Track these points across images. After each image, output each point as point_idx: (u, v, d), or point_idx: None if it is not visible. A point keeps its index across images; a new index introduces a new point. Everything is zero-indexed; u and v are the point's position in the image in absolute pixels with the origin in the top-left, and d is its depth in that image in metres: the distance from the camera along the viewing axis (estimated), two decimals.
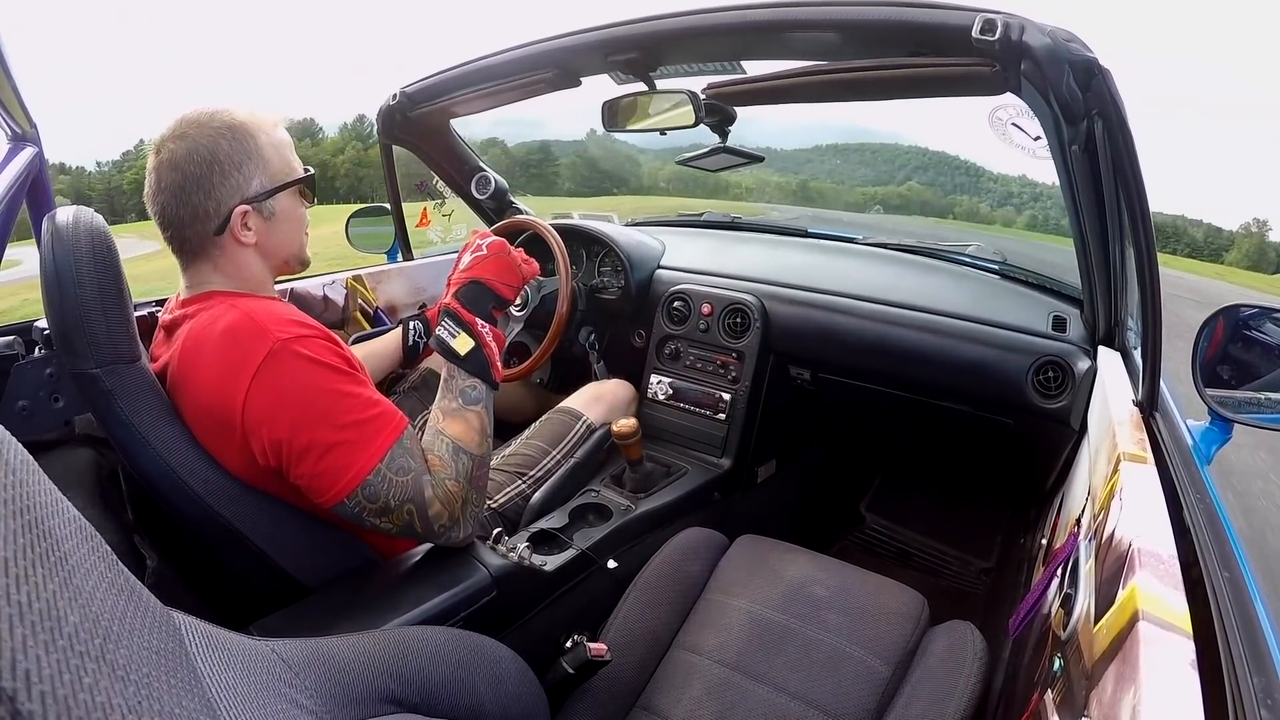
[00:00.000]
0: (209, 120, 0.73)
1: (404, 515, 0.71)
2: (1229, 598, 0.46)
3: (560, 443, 1.14)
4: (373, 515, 0.70)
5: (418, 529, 0.72)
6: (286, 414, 0.67)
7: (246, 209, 0.74)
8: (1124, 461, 0.64)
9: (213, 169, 0.72)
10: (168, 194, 0.72)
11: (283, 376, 0.67)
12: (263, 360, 0.66)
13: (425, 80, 1.26)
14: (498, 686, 0.56)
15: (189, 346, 0.71)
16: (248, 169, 0.73)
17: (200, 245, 0.75)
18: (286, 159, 0.77)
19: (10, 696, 0.18)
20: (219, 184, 0.72)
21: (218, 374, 0.68)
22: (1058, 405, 1.02)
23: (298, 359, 0.67)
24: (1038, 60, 0.67)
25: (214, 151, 0.72)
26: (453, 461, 0.75)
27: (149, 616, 0.29)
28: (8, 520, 0.22)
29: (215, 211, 0.73)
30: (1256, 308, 0.83)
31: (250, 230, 0.75)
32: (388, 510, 0.70)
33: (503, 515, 1.05)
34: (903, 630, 0.84)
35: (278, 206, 0.77)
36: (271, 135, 0.76)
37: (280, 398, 0.67)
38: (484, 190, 1.54)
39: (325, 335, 0.72)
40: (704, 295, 1.33)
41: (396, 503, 0.70)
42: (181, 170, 0.71)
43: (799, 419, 1.49)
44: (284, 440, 0.67)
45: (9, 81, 0.85)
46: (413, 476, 0.71)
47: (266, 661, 0.40)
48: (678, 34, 0.91)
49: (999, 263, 1.33)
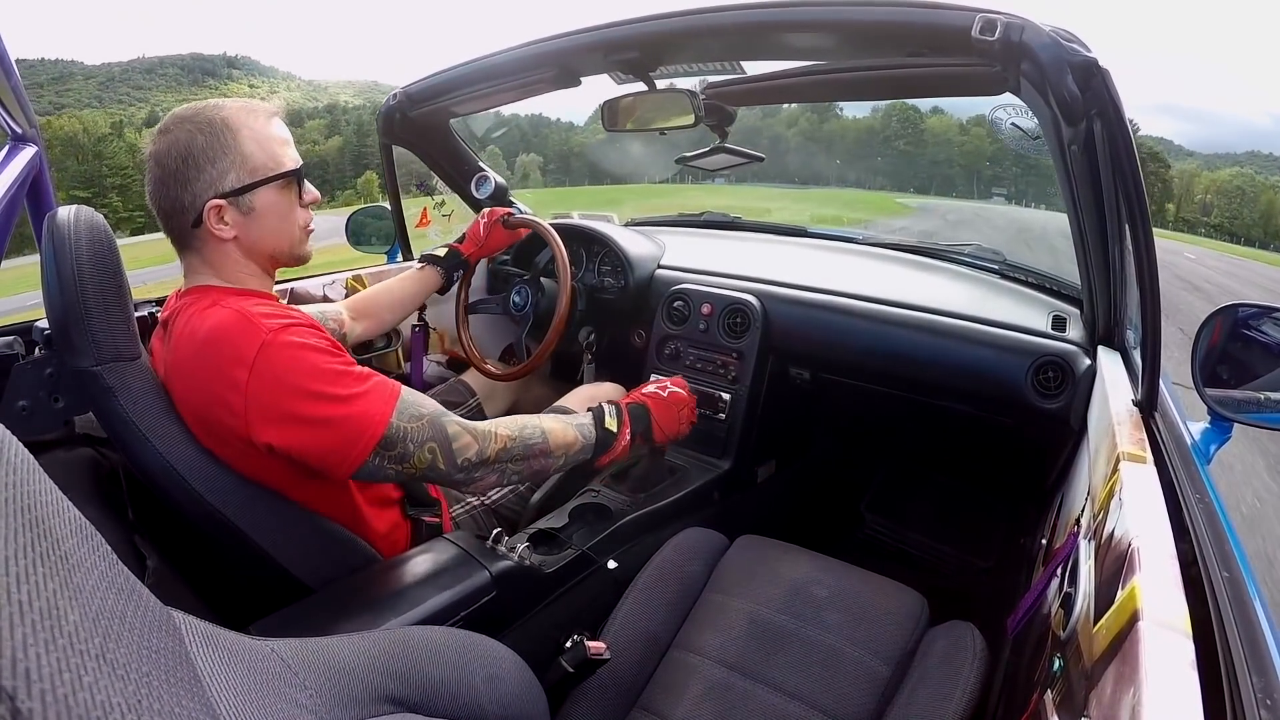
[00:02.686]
0: (192, 116, 0.74)
1: (425, 456, 0.73)
2: (1229, 598, 0.46)
3: None
4: (392, 464, 0.72)
5: (440, 466, 0.74)
6: (290, 397, 0.68)
7: (220, 203, 0.74)
8: (1123, 461, 0.64)
9: (187, 163, 0.73)
10: (151, 186, 0.75)
11: (279, 364, 0.68)
12: (257, 352, 0.67)
13: (425, 80, 1.26)
14: (497, 686, 0.56)
15: (180, 345, 0.72)
16: (222, 164, 0.73)
17: (184, 238, 0.76)
18: (273, 153, 0.76)
19: (10, 694, 0.18)
20: (194, 178, 0.73)
21: (211, 372, 0.69)
22: (1057, 405, 1.02)
23: (290, 346, 0.69)
24: (1038, 61, 0.67)
25: (189, 146, 0.73)
26: (526, 428, 0.81)
27: (149, 616, 0.29)
28: (8, 518, 0.22)
29: (191, 205, 0.74)
30: (1256, 307, 0.83)
31: (227, 224, 0.75)
32: (406, 457, 0.72)
33: (497, 513, 1.05)
34: (902, 630, 0.84)
35: (257, 201, 0.76)
36: (258, 130, 0.76)
37: (280, 383, 0.68)
38: (483, 190, 1.54)
39: (310, 323, 0.74)
40: (704, 295, 1.33)
41: (416, 445, 0.72)
42: (161, 165, 0.73)
43: (799, 419, 1.49)
44: (291, 423, 0.68)
45: (9, 81, 0.85)
46: (428, 419, 0.74)
47: (266, 661, 0.40)
48: (678, 34, 0.91)
49: (999, 262, 1.34)
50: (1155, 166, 78.09)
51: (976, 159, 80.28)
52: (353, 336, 1.13)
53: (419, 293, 1.22)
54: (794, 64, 0.95)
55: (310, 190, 0.82)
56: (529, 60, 1.09)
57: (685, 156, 1.25)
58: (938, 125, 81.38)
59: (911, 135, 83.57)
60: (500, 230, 1.29)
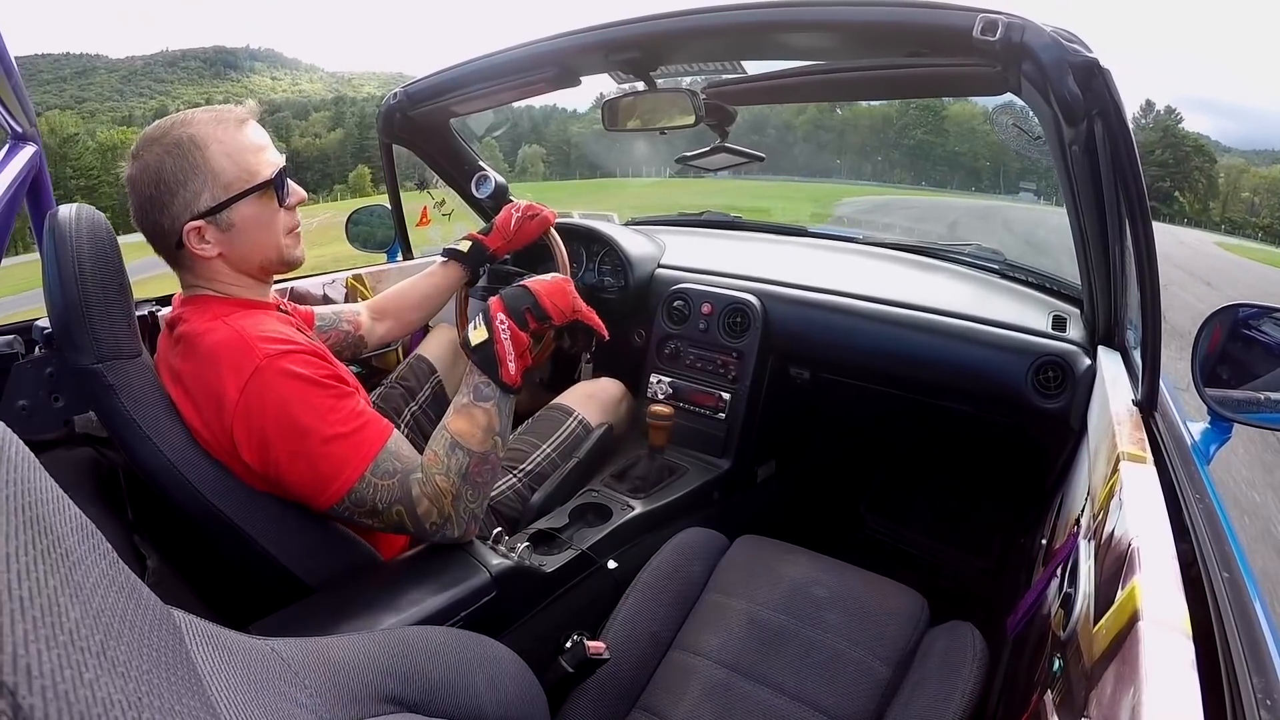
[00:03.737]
0: (160, 137, 0.72)
1: (393, 516, 0.73)
2: (1228, 598, 0.46)
3: (551, 438, 1.15)
4: (364, 517, 0.73)
5: (409, 528, 0.74)
6: (273, 428, 0.69)
7: (199, 224, 0.73)
8: (1123, 461, 0.64)
9: (159, 188, 0.72)
10: (133, 211, 0.74)
11: (268, 393, 0.68)
12: (249, 377, 0.68)
13: (426, 79, 1.26)
14: (497, 686, 0.56)
15: (183, 354, 0.73)
16: (194, 185, 0.72)
17: (172, 259, 0.77)
18: (245, 165, 0.74)
19: (11, 690, 0.18)
20: (169, 202, 0.72)
21: (208, 387, 0.70)
22: (1057, 405, 1.02)
23: (282, 375, 0.69)
24: (1039, 61, 0.67)
25: (160, 171, 0.72)
26: (447, 457, 0.75)
27: (149, 614, 0.29)
28: (9, 516, 0.22)
29: (170, 229, 0.73)
30: (1256, 307, 0.83)
31: (209, 243, 0.74)
32: (376, 513, 0.73)
33: (496, 511, 1.05)
34: (903, 631, 0.84)
35: (235, 216, 0.74)
36: (228, 142, 0.73)
37: (265, 412, 0.68)
38: (483, 189, 1.54)
39: (312, 351, 0.74)
40: (704, 295, 1.33)
41: (384, 505, 0.72)
42: (137, 191, 0.73)
43: (799, 419, 1.49)
44: (272, 452, 0.69)
45: (9, 80, 0.85)
46: (399, 479, 0.73)
47: (266, 660, 0.40)
48: (678, 34, 0.91)
49: (999, 262, 1.34)
50: (1200, 161, 71.61)
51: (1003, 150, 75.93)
52: (374, 339, 1.10)
53: (444, 289, 1.16)
54: (795, 64, 0.95)
55: (295, 191, 0.79)
56: (529, 60, 1.09)
57: (685, 156, 1.25)
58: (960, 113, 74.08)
59: (931, 124, 76.93)
60: (531, 225, 1.20)
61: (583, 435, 1.18)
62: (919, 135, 76.15)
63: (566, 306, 0.86)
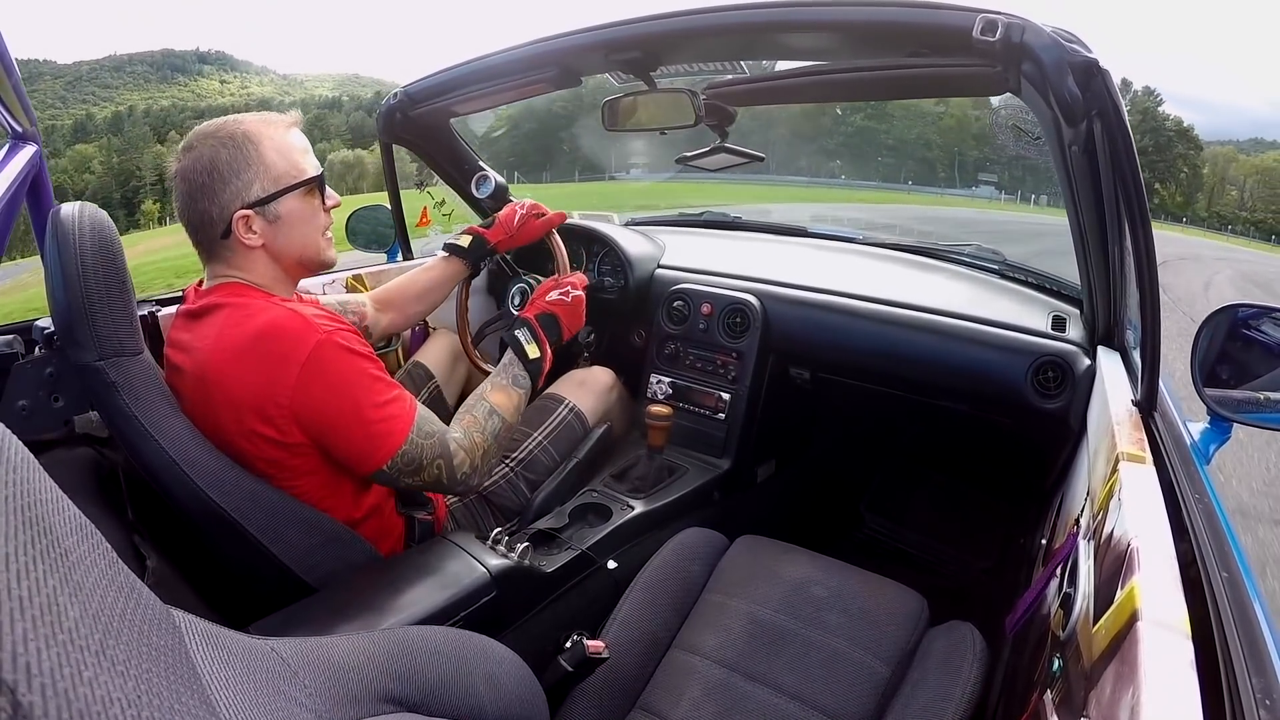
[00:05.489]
0: (215, 132, 0.77)
1: (434, 470, 0.80)
2: (1228, 598, 0.46)
3: (542, 426, 1.15)
4: (407, 475, 0.79)
5: (444, 481, 0.81)
6: (335, 398, 0.74)
7: (248, 213, 0.77)
8: (1123, 461, 0.64)
9: (213, 177, 0.76)
10: (181, 202, 0.78)
11: (329, 366, 0.74)
12: (310, 352, 0.73)
13: (426, 79, 1.26)
14: (497, 686, 0.56)
15: (224, 344, 0.74)
16: (247, 175, 0.77)
17: (213, 248, 0.80)
18: (294, 162, 0.80)
19: (11, 688, 0.18)
20: (220, 190, 0.76)
21: (260, 368, 0.72)
22: (1057, 405, 1.02)
23: (340, 350, 0.75)
24: (1038, 61, 0.67)
25: (214, 161, 0.76)
26: (485, 420, 0.87)
27: (149, 613, 0.29)
28: (9, 516, 0.22)
29: (219, 217, 0.77)
30: (1255, 307, 0.83)
31: (255, 233, 0.79)
32: (420, 469, 0.79)
33: (489, 501, 1.05)
34: (902, 630, 0.84)
35: (282, 209, 0.79)
36: (278, 140, 0.79)
37: (328, 384, 0.74)
38: (483, 189, 1.54)
39: (353, 329, 0.80)
40: (704, 295, 1.33)
41: (428, 460, 0.80)
42: (189, 180, 0.77)
43: (799, 419, 1.49)
44: (333, 420, 0.75)
45: (9, 80, 0.85)
46: (438, 437, 0.81)
47: (265, 659, 0.40)
48: (678, 34, 0.91)
49: (998, 262, 1.34)
50: (1185, 148, 64.28)
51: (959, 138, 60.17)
52: (377, 330, 1.12)
53: (445, 282, 1.17)
54: (795, 64, 0.95)
55: (332, 195, 0.85)
56: (529, 60, 1.09)
57: (685, 156, 1.25)
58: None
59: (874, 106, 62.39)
60: (535, 223, 1.20)
61: (574, 422, 1.18)
62: (859, 121, 62.61)
63: (579, 327, 1.04)
